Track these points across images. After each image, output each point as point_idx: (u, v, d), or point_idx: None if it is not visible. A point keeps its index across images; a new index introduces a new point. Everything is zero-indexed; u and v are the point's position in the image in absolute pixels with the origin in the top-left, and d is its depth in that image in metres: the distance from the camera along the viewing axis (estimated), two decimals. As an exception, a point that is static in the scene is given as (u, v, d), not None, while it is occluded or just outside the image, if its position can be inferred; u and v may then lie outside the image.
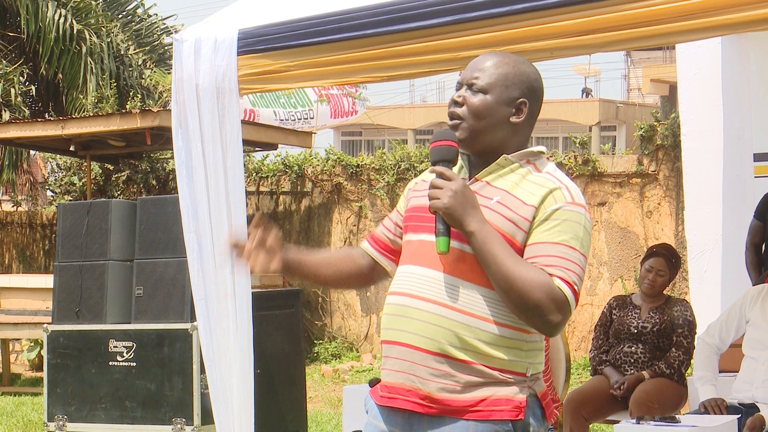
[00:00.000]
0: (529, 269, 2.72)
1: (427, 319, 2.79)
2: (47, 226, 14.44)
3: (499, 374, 2.78)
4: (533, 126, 2.93)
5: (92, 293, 7.33)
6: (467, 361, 2.76)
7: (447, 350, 2.77)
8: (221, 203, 4.96)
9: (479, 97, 2.85)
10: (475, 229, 2.73)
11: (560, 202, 2.78)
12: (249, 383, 5.00)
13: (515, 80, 2.86)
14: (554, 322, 2.73)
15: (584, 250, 2.79)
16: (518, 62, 2.90)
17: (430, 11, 4.27)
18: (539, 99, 2.91)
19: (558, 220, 2.76)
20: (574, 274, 2.75)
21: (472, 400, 2.77)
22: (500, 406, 2.77)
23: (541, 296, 2.70)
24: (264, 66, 4.83)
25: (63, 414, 7.27)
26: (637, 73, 34.54)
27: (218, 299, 4.99)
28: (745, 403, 5.26)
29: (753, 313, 5.43)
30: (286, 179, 13.10)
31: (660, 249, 6.35)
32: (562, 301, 2.72)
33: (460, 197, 2.74)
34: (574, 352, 10.92)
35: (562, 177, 2.85)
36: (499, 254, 2.72)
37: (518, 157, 2.86)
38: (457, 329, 2.77)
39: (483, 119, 2.84)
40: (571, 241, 2.76)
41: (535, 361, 2.85)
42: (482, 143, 2.86)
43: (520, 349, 2.81)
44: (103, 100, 14.07)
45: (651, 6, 3.90)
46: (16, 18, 15.49)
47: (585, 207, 2.82)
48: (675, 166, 10.57)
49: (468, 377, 2.77)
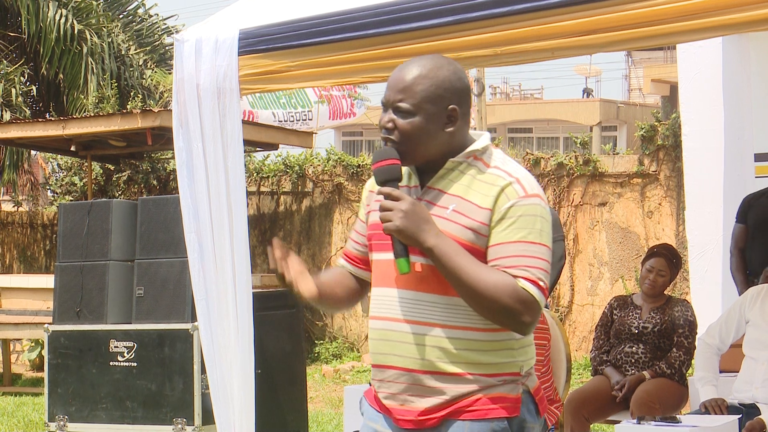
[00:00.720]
0: (491, 274, 2.71)
1: (413, 341, 2.79)
2: (48, 226, 14.44)
3: (494, 379, 2.78)
4: (469, 119, 2.90)
5: (93, 293, 7.33)
6: (460, 374, 2.77)
7: (440, 367, 2.77)
8: (222, 203, 4.96)
9: (408, 120, 2.80)
10: (433, 245, 2.72)
11: (513, 199, 2.75)
12: (250, 383, 4.99)
13: (439, 91, 2.81)
14: (526, 322, 2.73)
15: (545, 240, 2.76)
16: (437, 69, 2.84)
17: (432, 11, 4.26)
18: (467, 95, 2.88)
19: (513, 218, 2.74)
20: (538, 269, 2.73)
21: (467, 401, 2.77)
22: (495, 404, 2.77)
23: (508, 300, 2.69)
24: (265, 66, 4.83)
25: (64, 414, 7.27)
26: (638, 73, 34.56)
27: (219, 299, 4.99)
28: (745, 403, 5.26)
29: (753, 314, 5.43)
30: (286, 179, 13.11)
31: (661, 249, 6.35)
32: (530, 301, 2.71)
33: (411, 216, 2.72)
34: (575, 353, 10.92)
35: (512, 168, 2.82)
36: (460, 265, 2.71)
37: (464, 156, 2.84)
38: (444, 344, 2.76)
39: (417, 140, 2.81)
40: (530, 236, 2.74)
41: (527, 358, 2.85)
42: (423, 158, 2.84)
43: (512, 349, 2.81)
44: (104, 100, 14.07)
45: (652, 6, 3.90)
46: (17, 18, 15.49)
47: (539, 196, 2.79)
48: (676, 166, 10.57)
49: (463, 389, 2.78)
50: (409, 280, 2.81)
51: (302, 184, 13.03)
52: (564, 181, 11.39)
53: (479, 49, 4.33)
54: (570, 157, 11.45)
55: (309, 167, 12.99)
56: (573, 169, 11.35)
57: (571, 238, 11.23)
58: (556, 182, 11.43)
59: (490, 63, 4.97)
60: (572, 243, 11.25)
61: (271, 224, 13.19)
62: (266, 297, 7.08)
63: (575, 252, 11.29)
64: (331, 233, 12.79)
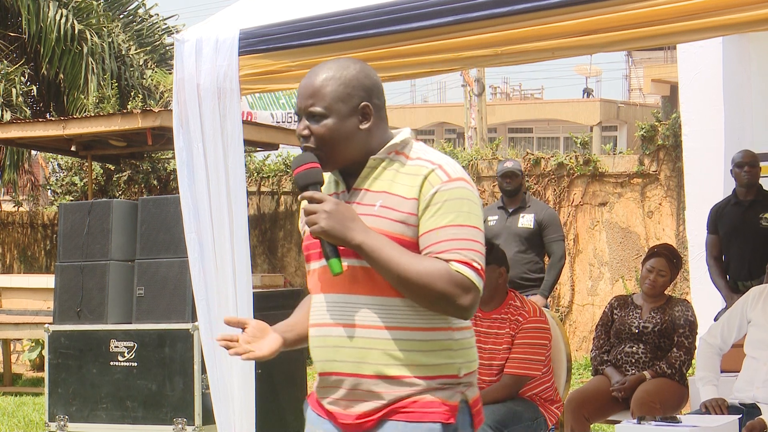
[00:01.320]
0: (423, 262, 2.69)
1: (351, 344, 2.77)
2: (48, 226, 14.45)
3: (433, 382, 2.75)
4: (385, 116, 2.89)
5: (93, 293, 7.34)
6: (402, 377, 2.74)
7: (380, 371, 2.75)
8: (222, 203, 4.96)
9: (322, 123, 2.80)
10: (361, 241, 2.70)
11: (436, 185, 2.74)
12: (250, 383, 5.00)
13: (348, 90, 2.81)
14: (465, 305, 2.70)
15: (475, 222, 2.75)
16: (343, 69, 2.84)
17: (432, 11, 4.26)
18: (379, 92, 2.88)
19: (438, 203, 2.73)
20: (471, 251, 2.71)
21: (404, 403, 2.75)
22: (432, 408, 2.74)
23: (443, 285, 2.67)
24: (265, 66, 4.83)
25: (64, 414, 7.27)
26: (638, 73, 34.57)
27: (219, 299, 4.99)
28: (746, 403, 5.26)
29: (755, 314, 5.44)
30: (287, 179, 13.10)
31: (661, 249, 6.35)
32: (466, 282, 2.69)
33: (335, 215, 2.71)
34: (575, 353, 10.92)
35: (434, 156, 2.81)
36: (391, 257, 2.69)
37: (385, 152, 2.83)
38: (384, 347, 2.74)
39: (334, 143, 2.80)
40: (458, 218, 2.72)
41: (466, 360, 2.81)
42: (344, 160, 2.83)
43: (450, 350, 2.78)
44: (105, 100, 14.08)
45: (652, 6, 3.90)
46: (17, 18, 15.50)
47: (464, 179, 2.77)
48: (676, 166, 10.58)
49: (402, 392, 2.74)
50: (341, 284, 2.78)
51: (303, 184, 13.01)
52: (564, 181, 11.39)
53: (480, 49, 4.33)
54: (570, 157, 11.45)
55: (309, 167, 12.97)
56: (573, 169, 11.35)
57: (571, 238, 11.24)
58: (557, 182, 11.43)
59: (490, 63, 4.98)
60: (572, 243, 11.25)
61: (271, 224, 13.19)
62: (267, 297, 7.08)
63: (575, 252, 11.29)
64: (332, 233, 12.77)
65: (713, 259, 7.02)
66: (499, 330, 5.42)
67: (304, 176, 2.79)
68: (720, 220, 6.96)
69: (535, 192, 11.36)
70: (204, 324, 5.03)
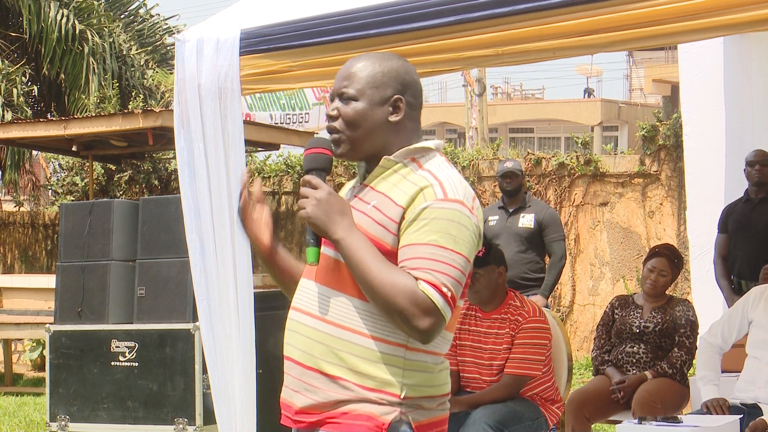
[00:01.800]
0: (393, 274, 2.58)
1: (305, 333, 2.72)
2: (49, 227, 14.45)
3: (371, 393, 2.64)
4: (418, 120, 2.83)
5: (94, 293, 7.33)
6: (338, 378, 2.66)
7: (320, 365, 2.68)
8: (223, 203, 4.96)
9: (351, 105, 2.74)
10: (341, 237, 2.64)
11: (429, 200, 2.63)
12: (251, 383, 5.00)
13: (384, 79, 2.76)
14: (421, 327, 2.57)
15: (460, 248, 2.61)
16: (384, 59, 2.80)
17: (433, 11, 4.26)
18: (416, 91, 2.81)
19: (426, 219, 2.61)
20: (444, 275, 2.58)
21: (334, 413, 2.66)
22: (358, 420, 2.64)
23: (403, 301, 2.56)
24: (266, 66, 4.83)
25: (65, 414, 7.27)
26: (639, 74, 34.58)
27: (220, 299, 4.99)
28: (747, 403, 5.26)
29: (756, 313, 5.43)
30: (288, 179, 13.11)
31: (662, 249, 6.35)
32: (428, 305, 2.56)
33: (323, 205, 2.66)
34: (576, 352, 10.92)
35: (442, 173, 2.70)
36: (363, 260, 2.61)
37: (402, 155, 2.74)
38: (330, 343, 2.67)
39: (359, 127, 2.74)
40: (441, 240, 2.60)
41: (413, 382, 2.66)
42: (365, 150, 2.77)
43: (397, 366, 2.65)
44: (106, 100, 14.09)
45: (653, 6, 3.90)
46: (18, 18, 15.51)
47: (461, 202, 2.65)
48: (677, 166, 10.58)
49: (337, 394, 2.66)
50: (317, 272, 2.75)
51: (303, 184, 13.02)
52: (565, 181, 11.39)
53: (481, 49, 4.33)
54: (571, 157, 11.45)
55: (310, 167, 12.98)
56: (574, 169, 11.35)
57: (572, 238, 11.24)
58: (558, 182, 11.43)
59: (491, 63, 4.97)
60: (573, 243, 11.25)
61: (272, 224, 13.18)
62: (267, 297, 7.07)
63: (576, 252, 11.29)
64: (333, 233, 12.78)
65: (720, 259, 7.02)
66: (499, 330, 5.42)
67: (311, 159, 2.76)
68: (730, 218, 6.97)
69: (536, 192, 11.36)
70: (205, 324, 5.03)
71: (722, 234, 7.03)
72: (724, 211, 7.02)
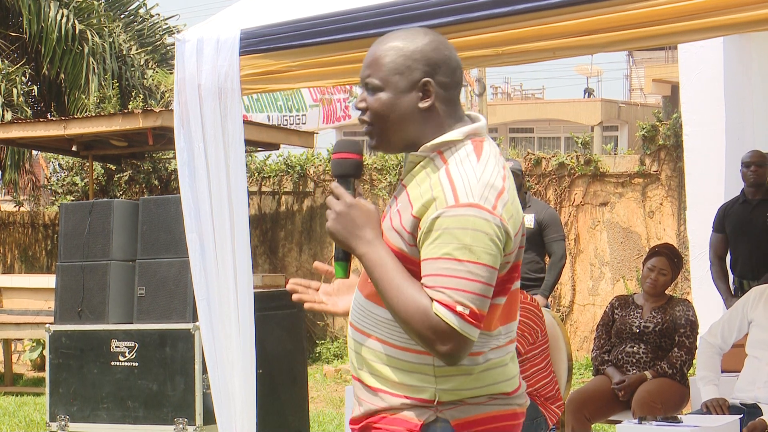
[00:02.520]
0: (412, 294, 2.44)
1: (351, 345, 2.66)
2: (49, 226, 14.45)
3: (405, 401, 2.54)
4: (455, 100, 2.60)
5: (94, 293, 7.33)
6: (375, 389, 2.58)
7: (362, 376, 2.62)
8: (223, 203, 4.96)
9: (376, 96, 2.56)
10: (363, 253, 2.51)
11: (440, 209, 2.43)
12: (251, 383, 5.00)
13: (408, 62, 2.55)
14: (441, 351, 2.43)
15: (477, 257, 2.41)
16: (409, 39, 2.58)
17: (432, 11, 4.26)
18: (449, 69, 2.59)
19: (439, 231, 2.43)
20: (459, 291, 2.40)
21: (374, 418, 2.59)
22: (394, 425, 2.56)
23: (420, 326, 2.42)
24: (266, 66, 4.83)
25: (65, 414, 7.27)
26: (639, 73, 34.57)
27: (220, 299, 4.99)
28: (747, 403, 5.26)
29: (756, 314, 5.44)
30: (288, 179, 13.11)
31: (662, 249, 6.35)
32: (442, 328, 2.40)
33: (342, 220, 2.54)
34: (576, 353, 10.92)
35: (459, 171, 2.48)
36: (382, 279, 2.48)
37: (430, 149, 2.54)
38: (365, 354, 2.59)
39: (387, 119, 2.56)
40: (455, 252, 2.40)
41: (447, 387, 2.53)
42: (397, 142, 2.60)
43: (427, 374, 2.53)
44: (106, 100, 14.09)
45: (653, 6, 3.90)
46: (18, 18, 15.51)
47: (476, 205, 2.42)
48: (677, 166, 10.57)
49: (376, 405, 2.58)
50: (360, 281, 2.65)
51: (303, 184, 13.03)
52: (565, 181, 11.39)
53: (480, 49, 4.33)
54: (571, 157, 11.45)
55: (310, 167, 12.99)
56: (574, 169, 11.35)
57: (572, 238, 11.24)
58: (558, 182, 11.43)
59: (491, 63, 4.98)
60: (573, 243, 11.25)
61: (272, 224, 13.19)
62: (267, 297, 7.08)
63: (576, 252, 11.29)
64: (333, 233, 12.77)
65: (717, 258, 7.03)
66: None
67: (336, 165, 2.62)
68: (727, 219, 6.98)
69: (536, 192, 11.36)
70: (205, 324, 5.03)
71: (718, 233, 7.04)
72: (720, 211, 7.02)
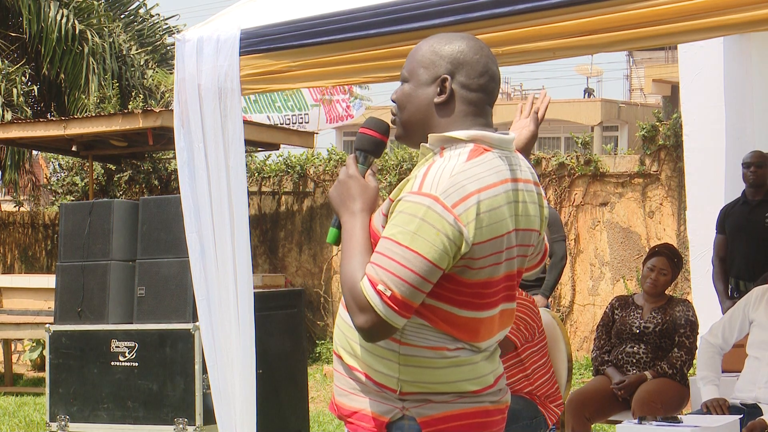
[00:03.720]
0: (354, 265, 2.50)
1: (337, 321, 2.70)
2: (49, 227, 14.44)
3: (374, 385, 2.57)
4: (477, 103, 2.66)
5: (94, 293, 7.33)
6: (352, 367, 2.61)
7: (340, 353, 2.66)
8: (223, 203, 4.96)
9: (402, 87, 2.69)
10: (344, 221, 2.61)
11: (404, 192, 2.51)
12: (251, 383, 5.00)
13: (434, 58, 2.63)
14: (356, 323, 2.47)
15: (418, 246, 2.43)
16: (446, 39, 2.66)
17: (433, 11, 4.26)
18: (473, 71, 2.64)
19: (395, 213, 2.50)
20: (389, 272, 2.43)
21: (350, 409, 2.63)
22: (364, 422, 2.58)
23: (347, 294, 2.49)
24: (266, 66, 4.83)
25: (65, 414, 7.27)
26: (639, 74, 34.56)
27: (220, 299, 4.99)
28: (747, 403, 5.26)
29: (757, 314, 5.44)
30: (288, 179, 13.10)
31: (662, 248, 6.36)
32: (361, 301, 2.45)
33: (340, 187, 2.64)
34: (576, 353, 10.92)
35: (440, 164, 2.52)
36: (346, 248, 2.56)
37: (434, 143, 2.61)
38: (345, 331, 2.63)
39: (405, 109, 2.66)
40: (399, 235, 2.45)
41: (410, 378, 2.54)
42: (415, 134, 2.67)
43: (392, 361, 2.54)
44: (105, 100, 14.09)
45: (653, 6, 3.90)
46: (18, 18, 15.51)
47: (434, 197, 2.44)
48: (677, 166, 10.57)
49: (352, 382, 2.62)
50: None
51: (303, 184, 13.03)
52: (565, 181, 11.39)
53: (480, 49, 4.32)
54: (571, 157, 11.45)
55: (310, 167, 12.99)
56: (574, 169, 11.34)
57: (572, 238, 11.23)
58: (558, 182, 11.43)
59: (491, 63, 4.97)
60: (573, 243, 11.25)
61: (272, 224, 13.19)
62: (267, 297, 7.08)
63: (576, 252, 11.29)
64: (333, 233, 12.78)
65: (718, 260, 7.03)
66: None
67: (359, 140, 2.73)
68: (727, 220, 6.98)
69: (536, 192, 11.35)
70: (205, 324, 5.03)
71: (720, 235, 7.05)
72: (722, 212, 7.03)
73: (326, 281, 12.63)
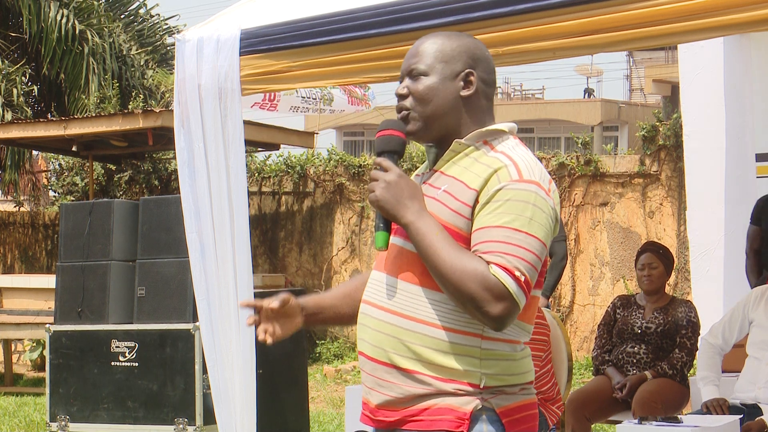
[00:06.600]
0: (464, 258, 2.48)
1: (375, 326, 2.62)
2: (49, 227, 14.45)
3: (448, 385, 2.55)
4: (491, 98, 2.71)
5: (94, 293, 7.34)
6: (413, 371, 2.56)
7: (393, 359, 2.58)
8: (223, 203, 4.96)
9: (421, 81, 2.65)
10: (410, 221, 2.54)
11: (504, 182, 2.52)
12: (251, 383, 5.00)
13: (454, 53, 2.66)
14: (493, 313, 2.46)
15: (535, 231, 2.51)
16: (453, 36, 2.71)
17: (433, 11, 4.26)
18: (488, 67, 2.70)
19: (500, 201, 2.51)
20: (518, 258, 2.47)
21: (414, 410, 2.57)
22: (441, 415, 2.54)
23: (474, 286, 2.45)
24: (266, 66, 4.83)
25: (65, 414, 7.27)
26: (639, 74, 34.56)
27: (220, 299, 4.99)
28: (747, 403, 5.26)
29: (757, 314, 5.44)
30: (288, 179, 13.11)
31: (646, 246, 6.40)
32: (500, 290, 2.45)
33: (393, 188, 2.57)
34: (577, 353, 10.92)
35: (516, 154, 2.59)
36: (433, 245, 2.50)
37: (474, 138, 2.63)
38: (401, 336, 2.57)
39: (430, 102, 2.64)
40: (515, 222, 2.49)
41: (492, 372, 2.56)
42: (437, 129, 2.66)
43: (473, 357, 2.55)
44: (106, 100, 14.10)
45: (653, 6, 3.90)
46: (18, 18, 15.52)
47: (537, 183, 2.54)
48: (677, 166, 10.57)
49: (413, 389, 2.56)
50: (389, 263, 2.64)
51: (303, 185, 13.04)
52: (565, 181, 11.39)
53: (480, 49, 4.33)
54: (571, 158, 11.45)
55: (310, 167, 13.00)
56: (574, 169, 11.35)
57: (572, 238, 11.24)
58: (558, 182, 11.43)
59: (491, 63, 4.97)
60: (574, 243, 11.25)
61: (272, 224, 13.20)
62: (268, 297, 7.08)
63: (576, 252, 11.29)
64: (333, 233, 12.79)
65: (753, 252, 6.86)
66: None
67: (382, 141, 2.66)
68: (764, 213, 6.84)
69: (536, 192, 11.35)
70: (205, 324, 5.04)
71: (755, 226, 6.81)
72: (759, 204, 6.82)
73: (326, 281, 12.64)
